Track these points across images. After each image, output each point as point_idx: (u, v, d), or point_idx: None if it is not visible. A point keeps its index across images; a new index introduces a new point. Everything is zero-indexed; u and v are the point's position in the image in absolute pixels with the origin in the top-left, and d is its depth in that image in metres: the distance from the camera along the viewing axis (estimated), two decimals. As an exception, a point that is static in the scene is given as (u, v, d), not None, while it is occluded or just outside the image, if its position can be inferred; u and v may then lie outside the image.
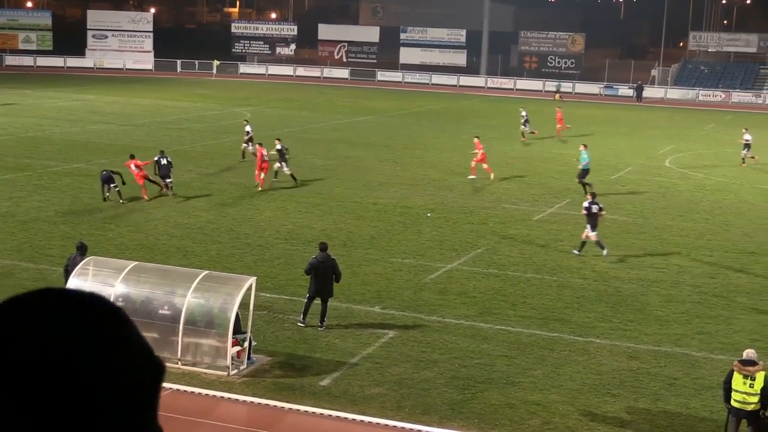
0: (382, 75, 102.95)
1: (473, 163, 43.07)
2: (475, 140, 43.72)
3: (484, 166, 42.73)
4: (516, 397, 18.43)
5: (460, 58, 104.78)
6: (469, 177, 42.67)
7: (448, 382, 19.12)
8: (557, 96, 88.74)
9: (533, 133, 57.55)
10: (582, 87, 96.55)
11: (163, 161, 36.44)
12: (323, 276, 21.91)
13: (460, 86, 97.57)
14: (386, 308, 23.91)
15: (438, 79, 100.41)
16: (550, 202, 38.17)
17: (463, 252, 29.96)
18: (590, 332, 22.61)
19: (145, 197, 35.42)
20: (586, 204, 30.68)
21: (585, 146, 41.00)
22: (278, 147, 39.43)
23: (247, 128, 46.12)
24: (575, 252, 30.02)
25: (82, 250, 22.04)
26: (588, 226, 30.03)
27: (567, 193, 40.26)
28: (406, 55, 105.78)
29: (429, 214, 35.02)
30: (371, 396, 18.33)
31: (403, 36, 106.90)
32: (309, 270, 22.10)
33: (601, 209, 30.25)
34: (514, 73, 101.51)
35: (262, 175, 38.29)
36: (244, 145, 45.24)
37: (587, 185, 38.61)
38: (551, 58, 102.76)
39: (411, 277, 26.84)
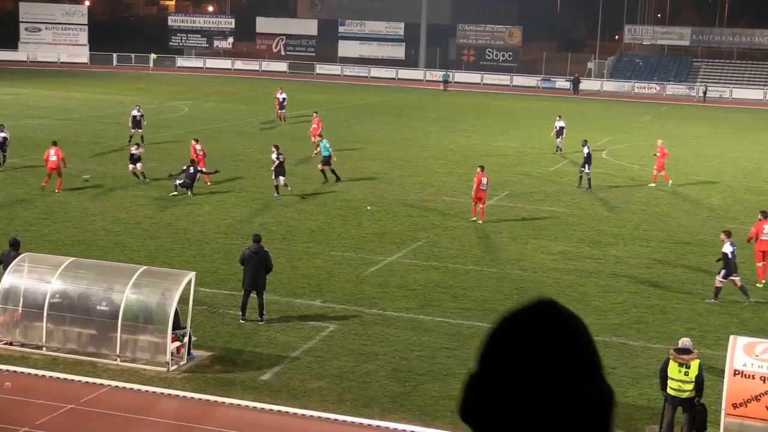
0: (321, 68, 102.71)
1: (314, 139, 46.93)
2: (314, 116, 49.36)
3: (313, 139, 47.07)
4: (457, 389, 18.12)
5: (398, 51, 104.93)
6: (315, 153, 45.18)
7: (390, 375, 19.16)
8: (444, 85, 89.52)
9: (283, 121, 58.67)
10: (519, 80, 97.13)
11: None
12: (256, 268, 21.87)
13: (398, 79, 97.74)
14: (327, 302, 23.89)
15: (377, 72, 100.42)
16: (488, 194, 38.35)
17: (403, 245, 30.04)
18: (529, 323, 22.75)
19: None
20: (273, 156, 36.55)
21: (321, 136, 41.93)
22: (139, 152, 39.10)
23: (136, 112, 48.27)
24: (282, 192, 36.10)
25: (16, 246, 21.73)
26: (275, 172, 36.31)
27: (505, 186, 40.54)
28: (345, 49, 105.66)
29: (369, 207, 35.05)
30: (312, 390, 18.31)
31: (341, 29, 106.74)
32: (242, 260, 22.11)
33: (280, 155, 36.47)
34: (452, 66, 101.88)
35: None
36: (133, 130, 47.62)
37: (326, 172, 39.93)
38: (489, 51, 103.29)
39: (351, 271, 26.85)
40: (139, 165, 38.07)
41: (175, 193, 35.77)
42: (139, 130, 47.59)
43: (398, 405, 17.76)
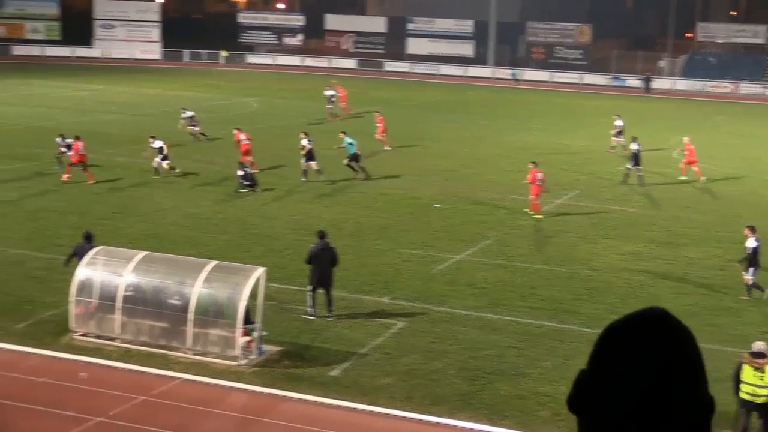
0: (390, 65, 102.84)
1: (379, 136, 48.07)
2: (376, 115, 49.43)
3: (380, 137, 47.89)
4: (526, 389, 18.43)
5: (467, 49, 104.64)
6: (386, 148, 47.28)
7: (458, 373, 19.13)
8: (515, 83, 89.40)
9: (331, 117, 59.03)
10: (589, 78, 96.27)
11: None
12: (323, 264, 21.98)
13: (467, 77, 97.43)
14: (395, 299, 23.93)
15: (445, 69, 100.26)
16: (558, 193, 38.08)
17: (472, 243, 29.96)
18: (600, 324, 22.53)
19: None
20: (304, 142, 38.72)
21: (345, 133, 41.43)
22: (156, 144, 39.06)
23: (189, 113, 49.35)
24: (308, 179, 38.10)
25: (89, 239, 22.12)
26: (306, 157, 38.42)
27: (575, 185, 40.22)
28: (414, 46, 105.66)
29: (437, 205, 35.03)
30: (381, 386, 18.35)
31: (410, 26, 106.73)
32: (310, 259, 22.16)
33: (310, 141, 38.78)
34: (521, 63, 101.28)
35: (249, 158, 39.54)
36: (190, 127, 48.71)
37: (354, 168, 39.85)
38: (558, 49, 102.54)
39: (420, 268, 26.84)
40: (165, 162, 38.52)
41: (244, 189, 36.10)
42: (196, 128, 48.32)
43: (466, 403, 17.73)
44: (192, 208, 33.10)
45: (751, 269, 24.75)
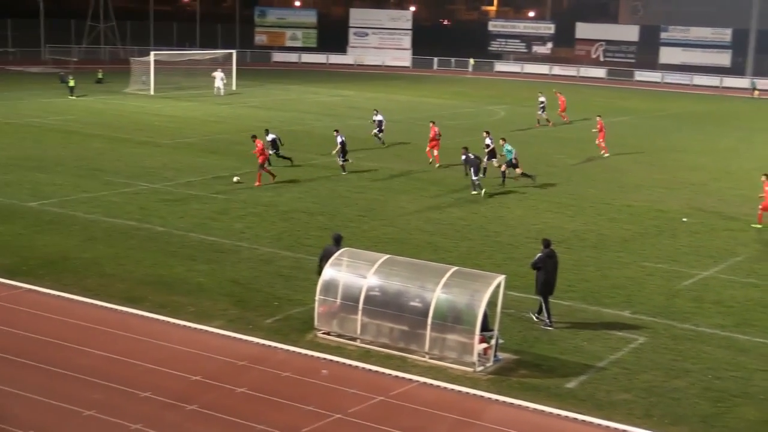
0: (640, 75, 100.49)
1: (599, 141, 48.38)
2: (598, 119, 49.20)
3: (601, 143, 48.31)
4: (774, 415, 17.52)
5: (723, 59, 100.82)
6: (605, 155, 47.87)
7: (700, 393, 18.44)
8: (755, 93, 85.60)
9: (548, 121, 59.53)
10: None
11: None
12: (550, 272, 21.80)
13: (723, 87, 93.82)
14: (636, 313, 23.34)
15: (699, 79, 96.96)
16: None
17: (721, 259, 28.81)
18: None
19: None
20: (488, 141, 40.69)
21: (504, 140, 40.17)
22: (338, 140, 40.72)
23: (378, 117, 50.11)
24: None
25: (338, 241, 22.72)
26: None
27: (837, 202, 37.91)
28: (666, 55, 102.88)
29: (685, 219, 33.93)
30: (618, 402, 17.94)
31: (663, 35, 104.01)
32: (538, 264, 21.96)
33: (492, 140, 40.61)
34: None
35: (435, 152, 43.06)
36: (375, 130, 49.98)
37: (527, 175, 39.73)
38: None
39: (663, 283, 26.07)
40: (341, 159, 40.56)
41: (475, 192, 36.39)
42: (381, 133, 49.64)
43: (709, 426, 17.05)
44: (435, 214, 33.53)
45: None
